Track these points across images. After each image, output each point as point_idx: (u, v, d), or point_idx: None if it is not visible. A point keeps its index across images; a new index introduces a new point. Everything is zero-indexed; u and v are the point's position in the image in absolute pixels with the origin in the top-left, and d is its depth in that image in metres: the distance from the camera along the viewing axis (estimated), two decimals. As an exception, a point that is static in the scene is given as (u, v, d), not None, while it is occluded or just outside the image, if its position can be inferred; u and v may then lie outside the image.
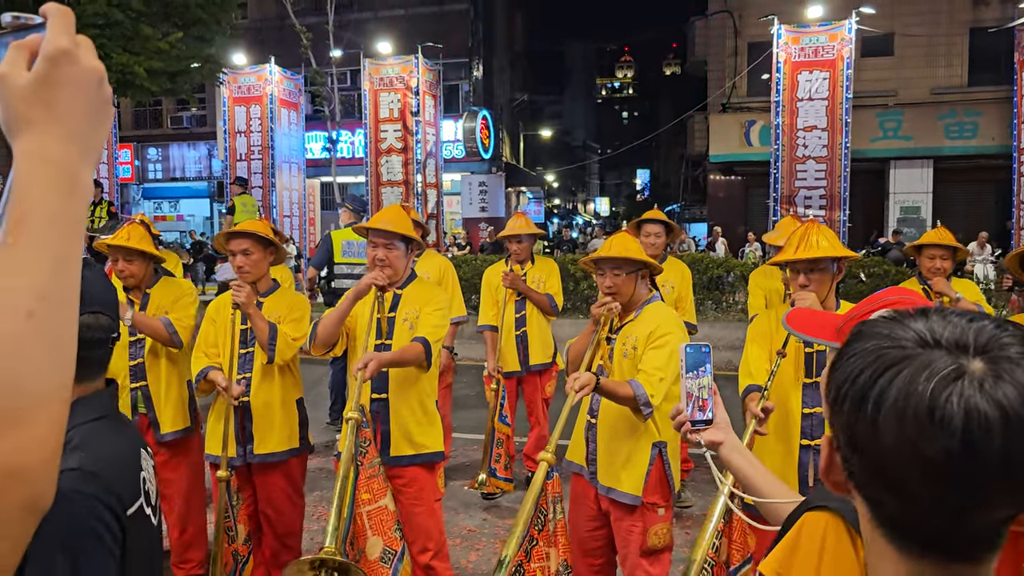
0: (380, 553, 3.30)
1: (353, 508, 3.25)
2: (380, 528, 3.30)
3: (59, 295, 0.71)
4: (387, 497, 3.34)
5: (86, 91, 0.74)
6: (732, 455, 1.57)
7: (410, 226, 3.55)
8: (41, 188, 0.71)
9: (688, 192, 33.61)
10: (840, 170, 14.44)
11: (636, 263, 3.28)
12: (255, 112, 17.63)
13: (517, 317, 5.50)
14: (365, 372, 3.12)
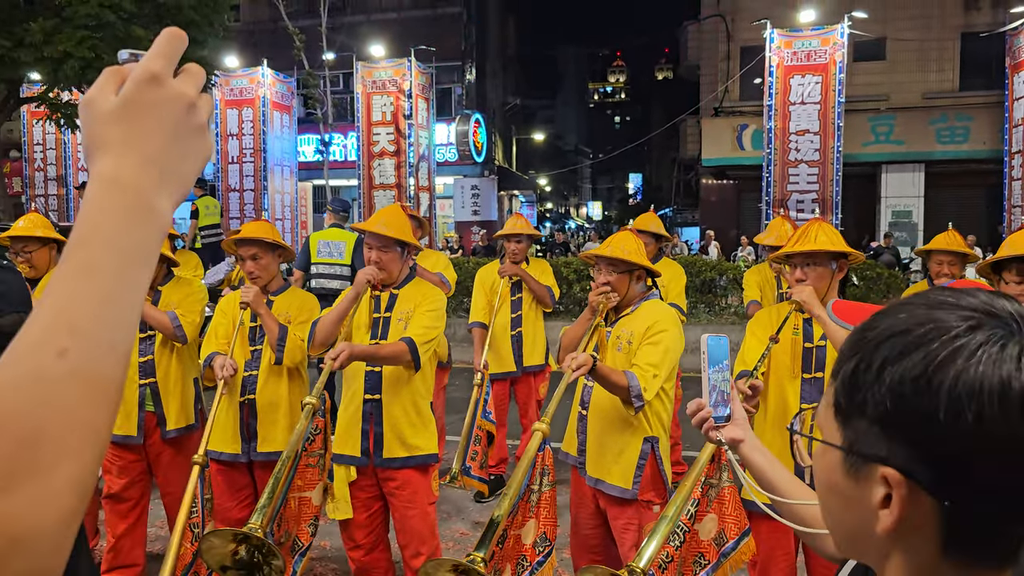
0: (291, 542, 3.35)
1: (287, 491, 3.29)
2: (300, 517, 3.37)
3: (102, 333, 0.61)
4: (315, 490, 3.38)
5: (172, 116, 0.68)
6: (753, 454, 1.54)
7: (407, 229, 3.52)
8: (103, 211, 0.64)
9: (680, 196, 33.69)
10: (832, 174, 14.48)
11: (631, 264, 3.28)
12: (247, 115, 17.57)
13: (512, 317, 5.48)
14: (335, 362, 3.12)
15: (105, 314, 0.62)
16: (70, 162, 18.60)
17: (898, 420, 0.71)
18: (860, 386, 0.74)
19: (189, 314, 3.92)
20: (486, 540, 2.53)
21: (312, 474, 3.39)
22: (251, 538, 2.80)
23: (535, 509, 2.94)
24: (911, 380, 0.70)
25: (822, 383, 2.97)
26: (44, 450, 0.57)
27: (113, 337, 0.63)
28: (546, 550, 2.96)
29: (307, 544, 3.37)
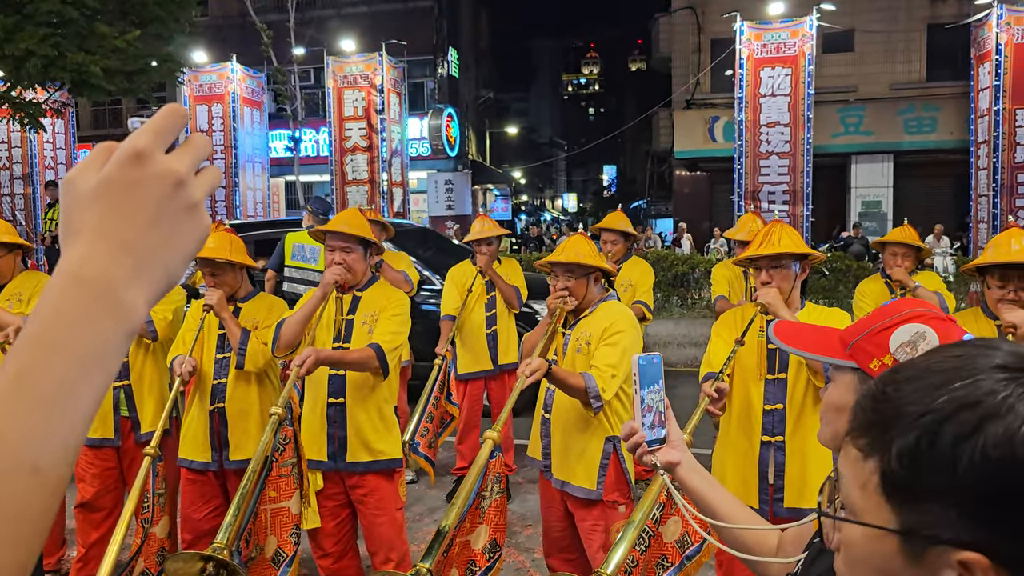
0: (273, 554, 3.32)
1: (256, 504, 3.26)
2: (279, 528, 3.33)
3: (24, 454, 0.54)
4: (292, 500, 3.35)
5: (154, 196, 0.61)
6: (691, 476, 1.49)
7: (367, 228, 3.51)
8: (59, 311, 0.57)
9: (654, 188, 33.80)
10: (803, 165, 14.58)
11: (587, 268, 3.30)
12: (217, 111, 17.38)
13: (487, 316, 5.49)
14: (301, 368, 3.11)
15: (34, 433, 0.54)
16: (36, 160, 18.29)
17: (982, 500, 0.66)
18: (930, 467, 0.69)
19: (162, 311, 3.89)
20: (432, 551, 2.55)
21: (287, 484, 3.35)
22: (215, 558, 2.76)
23: (485, 515, 2.96)
24: (996, 459, 0.65)
25: (785, 383, 3.00)
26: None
27: (38, 459, 0.54)
28: (496, 555, 2.99)
29: (292, 553, 3.33)
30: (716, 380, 2.82)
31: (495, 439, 2.81)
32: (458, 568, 2.88)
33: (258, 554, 3.28)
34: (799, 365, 3.00)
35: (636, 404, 1.47)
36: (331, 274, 3.36)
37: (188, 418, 3.74)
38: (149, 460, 3.34)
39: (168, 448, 3.97)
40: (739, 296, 5.04)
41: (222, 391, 3.64)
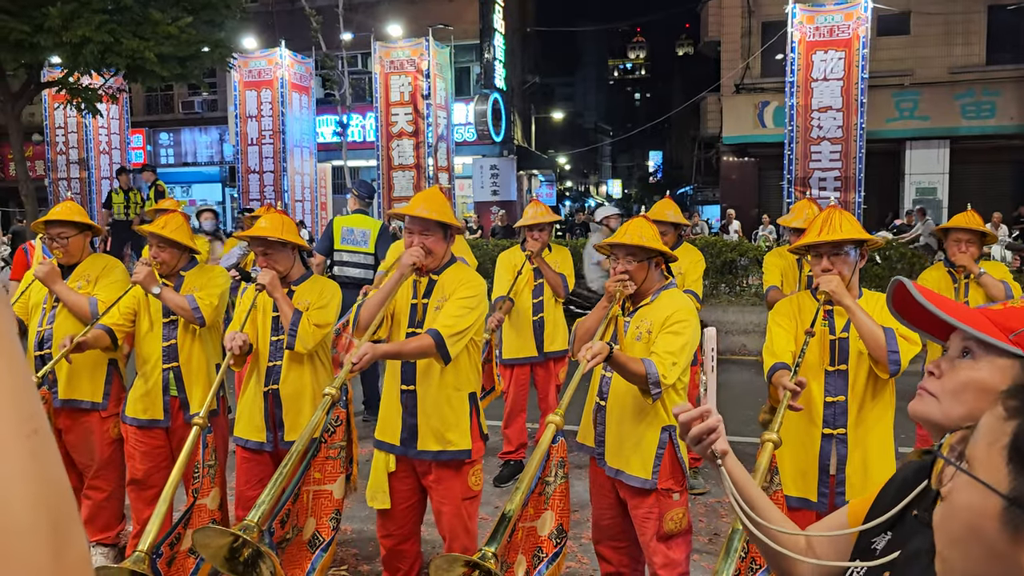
0: (310, 536, 3.29)
1: (299, 484, 3.23)
2: (319, 511, 3.31)
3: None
4: (336, 483, 3.33)
5: None
6: (736, 467, 1.46)
7: (448, 211, 3.45)
8: None
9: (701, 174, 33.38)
10: (855, 151, 14.28)
11: (650, 251, 3.24)
12: (266, 96, 17.57)
13: (535, 303, 5.47)
14: (356, 365, 3.09)
15: None
16: (91, 145, 18.71)
17: None
18: None
19: (208, 297, 3.95)
20: (498, 535, 2.52)
21: (333, 467, 3.36)
22: (243, 538, 2.78)
23: (550, 501, 2.93)
24: None
25: (846, 375, 2.94)
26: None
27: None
28: (562, 541, 2.97)
29: (329, 538, 3.32)
30: (791, 373, 2.74)
31: (558, 423, 2.78)
32: (525, 554, 2.87)
33: (294, 536, 3.26)
34: (860, 356, 2.93)
35: (710, 385, 1.40)
36: (409, 256, 3.30)
37: (244, 398, 3.80)
38: (197, 429, 3.39)
39: (217, 425, 4.05)
40: (792, 286, 4.95)
41: (277, 373, 3.69)
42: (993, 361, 1.21)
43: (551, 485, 2.89)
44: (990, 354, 1.21)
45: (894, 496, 1.42)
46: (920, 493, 1.32)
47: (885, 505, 1.42)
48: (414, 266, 3.32)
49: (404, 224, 3.45)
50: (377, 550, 4.46)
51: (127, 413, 4.08)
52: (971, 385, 1.22)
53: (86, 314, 4.09)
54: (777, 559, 1.44)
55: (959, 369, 1.25)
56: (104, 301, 4.09)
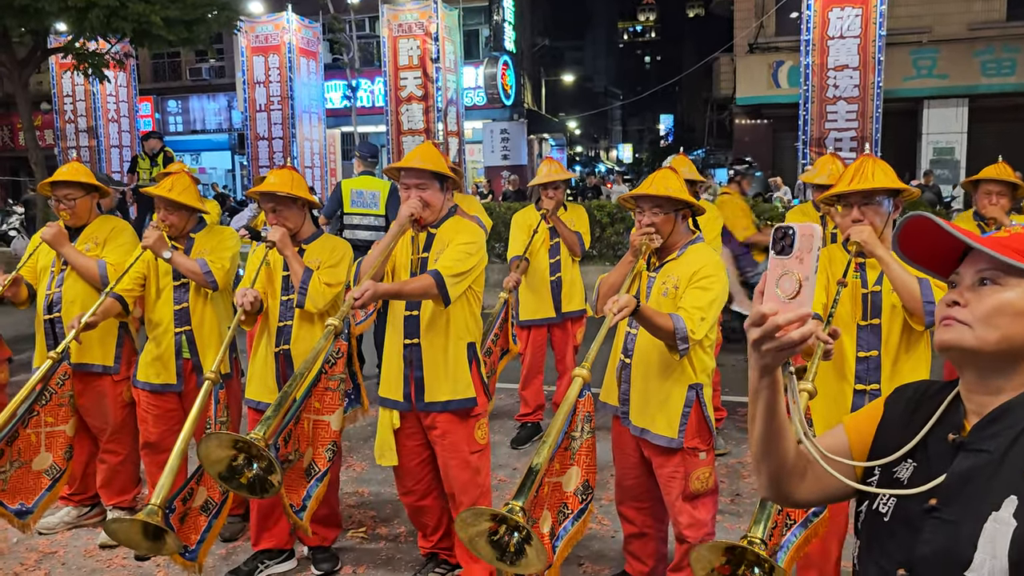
0: (307, 465, 3.35)
1: (300, 409, 3.26)
2: (317, 441, 3.35)
3: None
4: (334, 415, 3.36)
5: None
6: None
7: (442, 162, 3.38)
8: None
9: (713, 137, 32.97)
10: (872, 111, 13.99)
11: (677, 202, 3.13)
12: (273, 62, 17.33)
13: (551, 263, 5.38)
14: (357, 301, 3.04)
15: None
16: (100, 113, 18.57)
17: None
18: None
19: (219, 260, 3.89)
20: (525, 489, 2.45)
21: (332, 398, 3.36)
22: (251, 447, 2.75)
23: (576, 456, 2.88)
24: None
25: (879, 329, 2.83)
26: None
27: None
28: (588, 497, 2.91)
29: (324, 469, 3.36)
30: (826, 325, 2.62)
31: (584, 376, 2.70)
32: (550, 510, 2.81)
33: (296, 459, 3.30)
34: (894, 310, 2.82)
35: (810, 288, 1.20)
36: (407, 207, 3.26)
37: (255, 360, 3.74)
38: (209, 385, 3.34)
39: (231, 388, 4.00)
40: (816, 242, 4.82)
41: (288, 333, 3.62)
42: (1020, 283, 1.28)
43: (577, 440, 2.83)
44: (1013, 277, 1.28)
45: (905, 422, 1.42)
46: (938, 419, 1.37)
47: (895, 432, 1.42)
48: (412, 217, 3.26)
49: (400, 179, 3.38)
50: (395, 511, 4.44)
51: (139, 377, 4.03)
52: (1004, 308, 1.27)
53: (94, 277, 4.02)
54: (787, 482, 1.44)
55: (986, 296, 1.29)
56: (113, 264, 4.02)
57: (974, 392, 1.35)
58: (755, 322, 1.23)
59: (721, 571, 2.20)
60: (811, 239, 1.20)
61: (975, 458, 1.29)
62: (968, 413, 1.35)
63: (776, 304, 1.20)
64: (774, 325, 1.20)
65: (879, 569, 1.38)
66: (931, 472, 1.33)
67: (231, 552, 4.03)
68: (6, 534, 4.22)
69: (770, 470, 1.42)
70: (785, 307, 1.20)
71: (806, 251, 1.20)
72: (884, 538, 1.38)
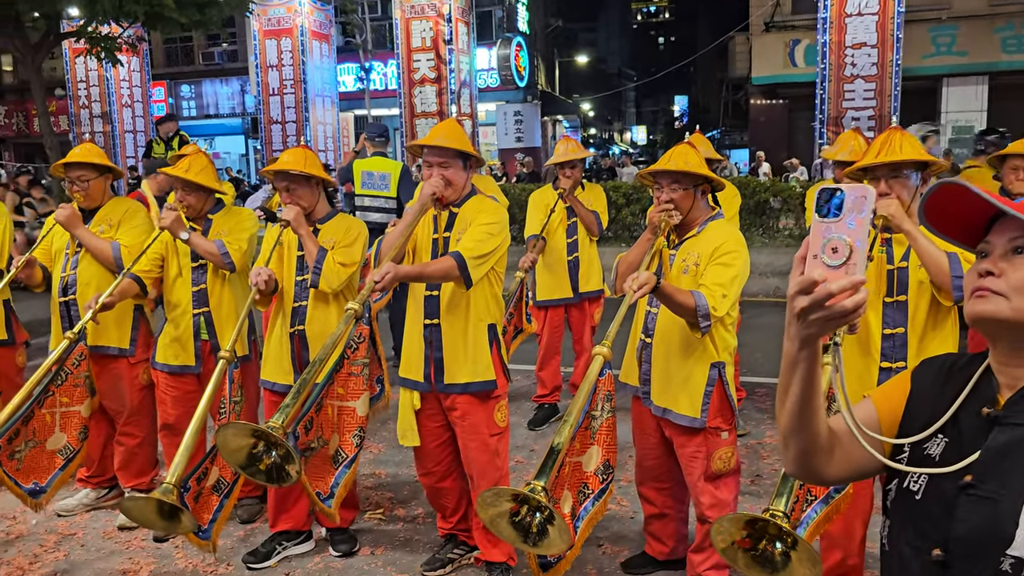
0: (334, 452, 3.31)
1: (322, 395, 3.22)
2: (343, 427, 3.32)
3: None
4: (360, 401, 3.31)
5: None
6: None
7: (466, 139, 3.31)
8: None
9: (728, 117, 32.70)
10: (890, 89, 13.82)
11: (696, 177, 3.07)
12: (286, 45, 17.29)
13: (568, 243, 5.32)
14: (378, 284, 2.99)
15: None
16: (113, 99, 18.60)
17: None
18: None
19: (236, 241, 3.87)
20: (546, 469, 2.41)
21: (356, 383, 3.32)
22: (269, 436, 2.73)
23: (596, 436, 2.83)
24: None
25: (905, 306, 2.76)
26: None
27: None
28: (608, 477, 2.87)
29: (352, 455, 3.32)
30: None
31: (605, 355, 2.64)
32: (571, 490, 2.78)
33: (320, 446, 3.26)
34: (921, 286, 2.76)
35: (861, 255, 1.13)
36: (429, 186, 3.19)
37: (270, 340, 3.71)
38: (223, 364, 3.32)
39: (248, 371, 3.98)
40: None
41: (303, 313, 3.59)
42: None
43: (597, 419, 2.79)
44: None
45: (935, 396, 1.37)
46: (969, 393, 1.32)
47: (925, 406, 1.37)
48: (434, 196, 3.19)
49: (423, 157, 3.31)
50: (413, 493, 4.43)
51: (157, 359, 4.02)
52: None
53: (108, 259, 4.00)
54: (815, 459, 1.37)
55: (1021, 265, 1.25)
56: (127, 246, 4.00)
57: (1007, 365, 1.30)
58: (803, 289, 1.14)
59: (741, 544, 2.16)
60: (863, 201, 1.11)
61: (1011, 432, 1.25)
62: (1001, 387, 1.31)
63: (824, 271, 1.12)
64: (826, 293, 1.11)
65: (912, 549, 1.33)
66: (964, 448, 1.28)
67: (249, 534, 4.02)
68: (25, 516, 4.23)
69: (800, 446, 1.35)
70: (834, 274, 1.12)
71: (857, 213, 1.11)
72: (917, 517, 1.33)
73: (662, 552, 3.49)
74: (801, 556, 1.98)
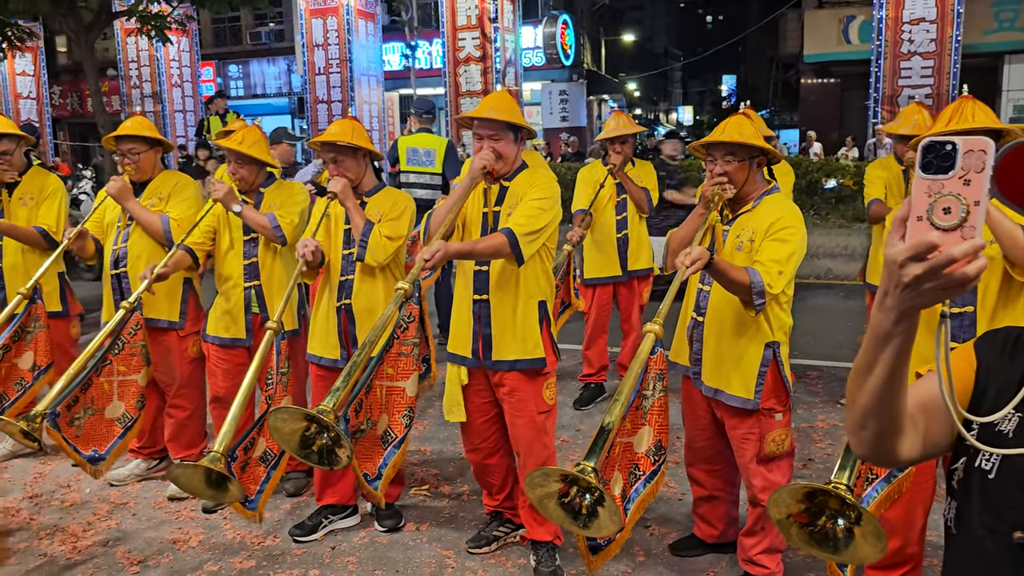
0: (383, 432, 3.30)
1: (371, 377, 3.20)
2: (392, 407, 3.30)
3: None
4: (409, 381, 3.30)
5: None
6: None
7: (518, 112, 3.24)
8: None
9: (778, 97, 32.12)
10: (949, 66, 13.39)
11: (752, 148, 2.96)
12: (332, 24, 17.32)
13: (618, 220, 5.24)
14: (428, 262, 2.93)
15: None
16: (163, 78, 18.85)
17: None
18: None
19: (288, 215, 3.86)
20: (596, 449, 2.35)
21: (406, 363, 3.30)
22: (319, 420, 2.73)
23: (647, 416, 2.76)
24: None
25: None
26: None
27: None
28: (660, 459, 2.80)
29: (401, 435, 3.31)
30: None
31: (657, 332, 2.55)
32: (621, 471, 2.72)
33: (369, 428, 3.26)
34: (991, 262, 2.63)
35: (981, 213, 1.01)
36: (479, 160, 3.12)
37: (317, 314, 3.71)
38: (271, 334, 3.32)
39: (298, 346, 3.98)
40: (897, 200, 4.56)
41: (349, 287, 3.57)
42: None
43: (649, 399, 2.71)
44: None
45: (1004, 370, 1.30)
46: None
47: (995, 380, 1.30)
48: (484, 170, 3.13)
49: (473, 130, 3.25)
50: (458, 470, 4.41)
51: (208, 332, 4.05)
52: None
53: (159, 232, 4.03)
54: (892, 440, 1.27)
55: None
56: (176, 219, 4.02)
57: None
58: (918, 255, 1.01)
59: (798, 519, 2.08)
60: (983, 156, 0.99)
61: None
62: None
63: (935, 234, 1.00)
64: (947, 258, 0.99)
65: (988, 532, 1.25)
66: None
67: (296, 507, 4.05)
68: (80, 484, 4.31)
69: (879, 427, 1.25)
70: (948, 238, 1.00)
71: (975, 170, 0.99)
72: (992, 498, 1.25)
73: (711, 535, 3.42)
74: (866, 531, 1.89)
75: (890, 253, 1.05)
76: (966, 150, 1.00)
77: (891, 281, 1.06)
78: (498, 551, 3.58)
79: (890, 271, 1.06)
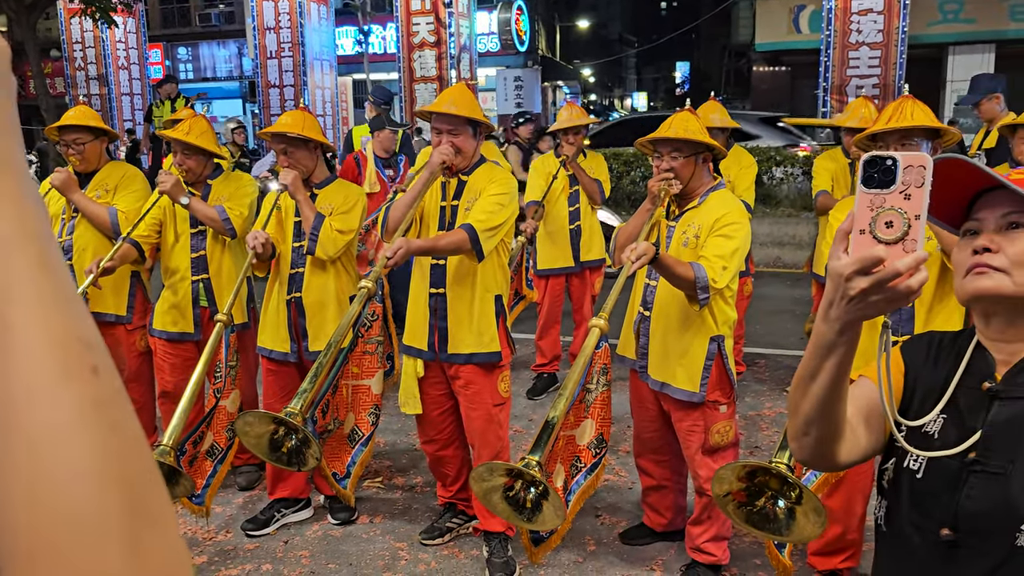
0: (350, 431, 3.34)
1: (337, 377, 3.23)
2: (358, 406, 3.33)
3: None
4: (374, 379, 3.32)
5: None
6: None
7: (477, 107, 3.26)
8: None
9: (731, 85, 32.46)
10: (895, 57, 13.65)
11: (698, 145, 3.01)
12: (283, 7, 17.03)
13: (570, 211, 5.27)
14: (390, 260, 2.97)
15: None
16: (110, 60, 18.38)
17: None
18: None
19: (237, 207, 3.82)
20: (541, 443, 2.40)
21: (371, 361, 3.31)
22: (287, 423, 2.74)
23: (591, 409, 2.81)
24: None
25: None
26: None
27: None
28: (602, 452, 2.86)
29: (368, 434, 3.34)
30: None
31: (602, 327, 2.61)
32: (563, 463, 2.77)
33: (336, 428, 3.28)
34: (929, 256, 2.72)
35: (920, 227, 1.03)
36: (438, 155, 3.14)
37: (267, 308, 3.69)
38: (220, 327, 3.30)
39: (248, 339, 3.96)
40: (843, 191, 4.67)
41: (299, 281, 3.56)
42: None
43: (592, 393, 2.77)
44: None
45: (929, 374, 1.36)
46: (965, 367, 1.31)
47: (922, 384, 1.36)
48: (443, 165, 3.14)
49: (431, 124, 3.26)
50: (412, 461, 4.43)
51: (155, 326, 3.99)
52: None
53: (105, 224, 3.95)
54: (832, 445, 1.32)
55: (1019, 239, 1.23)
56: (124, 211, 3.95)
57: (1002, 340, 1.29)
58: (864, 268, 1.03)
59: (736, 497, 2.14)
60: (922, 171, 1.02)
61: (1013, 406, 1.24)
62: (997, 363, 1.29)
63: (877, 248, 1.02)
64: (893, 272, 1.01)
65: (916, 529, 1.31)
66: (963, 424, 1.27)
67: (248, 501, 4.03)
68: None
69: (821, 433, 1.29)
70: (891, 251, 1.02)
71: (915, 185, 1.02)
72: (920, 497, 1.31)
73: (660, 523, 3.50)
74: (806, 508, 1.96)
75: (836, 266, 1.07)
76: (906, 165, 1.03)
77: (837, 293, 1.08)
78: (451, 542, 3.62)
79: (836, 283, 1.08)
